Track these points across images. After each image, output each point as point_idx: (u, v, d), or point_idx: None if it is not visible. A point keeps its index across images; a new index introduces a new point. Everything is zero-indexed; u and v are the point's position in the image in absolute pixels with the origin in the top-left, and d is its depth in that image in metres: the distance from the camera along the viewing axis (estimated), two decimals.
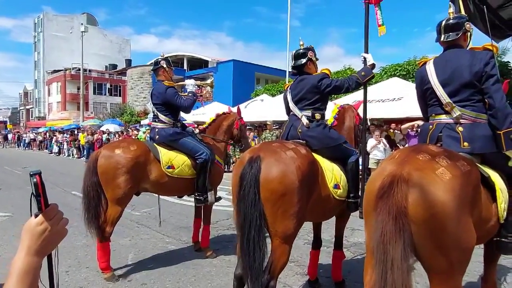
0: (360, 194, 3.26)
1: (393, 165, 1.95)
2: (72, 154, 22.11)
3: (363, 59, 3.47)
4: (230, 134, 4.76)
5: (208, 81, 4.93)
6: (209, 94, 30.54)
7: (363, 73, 3.30)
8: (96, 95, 47.74)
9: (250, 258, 2.39)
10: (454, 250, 1.81)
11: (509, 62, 13.03)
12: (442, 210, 1.76)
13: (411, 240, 1.78)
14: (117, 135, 20.27)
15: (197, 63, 37.29)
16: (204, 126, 4.80)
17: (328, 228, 4.17)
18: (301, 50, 3.33)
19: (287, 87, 3.44)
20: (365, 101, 3.77)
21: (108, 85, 48.83)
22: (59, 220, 0.96)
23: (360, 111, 3.88)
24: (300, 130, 3.14)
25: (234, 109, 5.11)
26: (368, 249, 2.01)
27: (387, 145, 9.82)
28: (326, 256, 4.06)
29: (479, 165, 2.27)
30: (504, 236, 2.43)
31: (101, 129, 23.26)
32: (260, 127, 14.04)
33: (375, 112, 10.84)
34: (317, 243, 3.63)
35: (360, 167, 3.63)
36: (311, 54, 3.31)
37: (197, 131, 4.79)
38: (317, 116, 3.17)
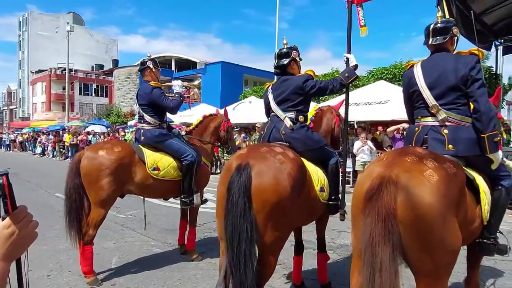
0: (340, 196, 3.25)
1: (381, 167, 1.96)
2: (56, 155, 21.69)
3: (345, 60, 3.43)
4: (217, 136, 4.73)
5: (195, 83, 4.96)
6: (197, 96, 30.40)
7: (346, 74, 3.24)
8: (82, 95, 47.06)
9: (241, 274, 2.22)
10: (441, 251, 1.82)
11: (492, 67, 13.32)
12: (430, 212, 1.77)
13: (400, 242, 1.79)
14: (102, 136, 19.97)
15: (185, 64, 37.08)
16: (191, 127, 4.75)
17: (314, 230, 4.16)
18: (284, 50, 3.26)
19: (268, 87, 3.36)
20: (347, 103, 3.71)
21: (94, 86, 48.20)
22: (28, 223, 0.92)
23: (342, 111, 3.84)
24: (283, 132, 3.06)
25: (222, 111, 5.08)
26: (355, 251, 2.01)
27: (374, 148, 9.93)
28: (312, 259, 4.05)
29: (464, 167, 2.29)
30: (486, 237, 2.48)
31: (87, 130, 22.90)
32: (248, 129, 14.03)
33: (362, 114, 10.96)
34: (299, 248, 3.57)
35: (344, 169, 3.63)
36: (294, 54, 3.25)
37: (183, 132, 4.74)
38: (301, 118, 3.10)
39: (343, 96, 4.08)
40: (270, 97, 3.23)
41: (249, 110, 14.78)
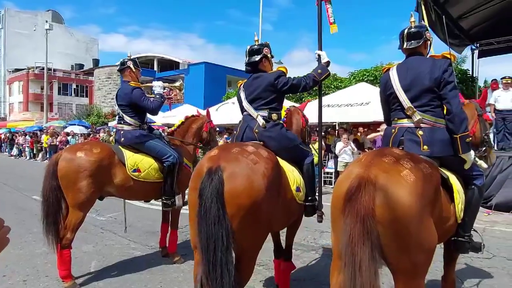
0: (317, 197, 3.19)
1: (360, 168, 2.00)
2: (34, 156, 21.10)
3: (317, 57, 3.33)
4: (199, 137, 4.70)
5: (177, 84, 4.84)
6: (180, 97, 30.11)
7: (319, 71, 3.17)
8: (61, 95, 45.94)
9: (217, 284, 2.13)
10: (418, 250, 1.87)
11: (468, 70, 13.74)
12: (408, 211, 1.82)
13: (379, 242, 1.82)
14: (82, 138, 19.54)
15: (168, 65, 36.72)
16: (173, 128, 4.71)
17: (298, 231, 4.18)
18: (255, 46, 3.16)
19: (241, 85, 3.25)
20: (320, 101, 3.57)
21: (74, 86, 47.15)
22: None
23: (309, 112, 3.79)
24: (256, 130, 2.96)
25: (204, 112, 5.05)
26: (335, 251, 2.03)
27: (355, 149, 10.07)
28: (295, 260, 4.07)
29: (438, 167, 2.36)
30: (461, 235, 2.56)
31: (66, 130, 22.37)
32: (231, 130, 13.99)
33: (343, 116, 11.12)
34: (278, 251, 3.47)
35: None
36: (266, 50, 3.15)
37: (164, 133, 4.68)
38: (274, 116, 3.01)
39: (327, 98, 4.07)
40: (242, 95, 3.14)
41: (232, 111, 14.71)
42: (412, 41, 2.64)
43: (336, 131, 11.43)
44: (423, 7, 8.04)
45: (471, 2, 9.44)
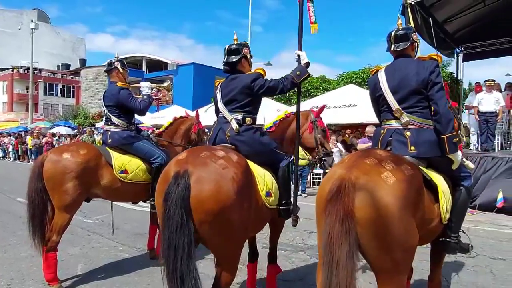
0: (293, 200, 3.13)
1: (342, 169, 2.03)
2: (19, 158, 20.69)
3: (297, 57, 3.20)
4: (188, 139, 4.69)
5: (165, 85, 4.82)
6: (169, 98, 29.94)
7: (298, 72, 3.04)
8: (47, 95, 45.14)
9: None
10: (398, 250, 1.91)
11: (453, 73, 14.00)
12: (386, 212, 1.85)
13: (357, 242, 1.86)
14: (68, 139, 19.24)
15: (156, 65, 36.47)
16: (161, 129, 4.69)
17: (286, 231, 4.21)
18: (234, 46, 3.06)
19: (218, 85, 3.15)
20: (298, 102, 3.44)
21: (60, 86, 46.38)
22: None
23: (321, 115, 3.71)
24: (228, 134, 2.89)
25: (192, 113, 5.04)
26: (319, 251, 2.06)
27: (344, 150, 10.16)
28: (283, 260, 4.10)
29: (424, 168, 2.40)
30: (448, 236, 2.59)
31: (52, 131, 21.99)
32: None
33: (331, 117, 11.20)
34: (253, 256, 3.39)
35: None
36: (246, 51, 3.05)
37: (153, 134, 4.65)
38: (248, 120, 2.92)
39: (315, 100, 4.07)
40: (218, 96, 3.05)
41: None
42: (400, 43, 2.67)
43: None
44: (409, 10, 8.18)
45: (456, 7, 9.64)
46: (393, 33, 2.72)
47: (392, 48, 2.71)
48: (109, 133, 4.00)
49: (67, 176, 3.48)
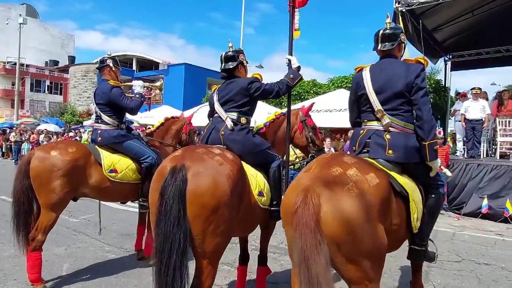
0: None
1: (306, 179, 1.98)
2: (3, 155, 20.25)
3: (287, 62, 3.36)
4: (179, 139, 4.67)
5: (157, 84, 4.80)
6: (159, 97, 29.74)
7: (291, 76, 3.19)
8: (33, 92, 44.26)
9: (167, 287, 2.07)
10: (365, 260, 1.88)
11: (441, 80, 14.25)
12: (351, 224, 1.82)
13: (328, 254, 1.80)
14: (55, 136, 18.90)
15: (147, 65, 36.22)
16: (152, 129, 4.65)
17: (276, 234, 4.21)
18: (230, 53, 3.17)
19: (215, 90, 3.25)
20: (289, 106, 3.52)
21: (48, 82, 45.53)
22: None
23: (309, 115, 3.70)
24: (223, 132, 2.94)
25: (187, 114, 5.02)
26: (291, 259, 1.98)
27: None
28: (273, 263, 4.09)
29: (397, 174, 2.33)
30: (417, 244, 2.56)
31: (39, 128, 21.58)
32: None
33: (322, 121, 11.27)
34: (244, 258, 3.38)
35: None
36: (242, 57, 3.17)
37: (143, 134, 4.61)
38: (243, 120, 3.01)
39: (305, 103, 4.09)
40: (215, 98, 3.13)
41: None
42: (387, 43, 2.60)
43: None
44: (400, 18, 8.31)
45: (445, 16, 9.82)
46: (381, 31, 2.65)
47: (378, 48, 2.65)
48: (99, 131, 3.95)
49: (54, 174, 3.41)
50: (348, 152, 2.65)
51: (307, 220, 1.79)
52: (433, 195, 2.57)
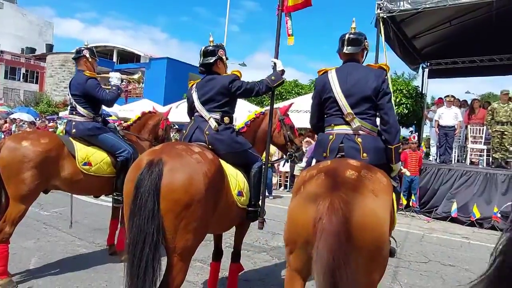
0: (261, 203, 3.19)
1: (324, 193, 1.91)
2: None
3: (273, 65, 3.40)
4: (155, 134, 4.63)
5: (135, 76, 4.72)
6: (139, 91, 29.23)
7: (273, 77, 3.24)
8: (8, 79, 42.62)
9: (139, 281, 2.05)
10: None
11: (418, 87, 14.65)
12: (380, 225, 1.86)
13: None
14: (26, 125, 18.24)
15: (128, 57, 35.44)
16: (129, 123, 4.58)
17: (251, 232, 4.24)
18: (210, 47, 3.14)
19: (192, 85, 3.20)
20: (271, 106, 3.51)
21: (23, 70, 43.94)
22: None
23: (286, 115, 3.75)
24: (207, 132, 2.94)
25: (164, 109, 4.97)
26: (293, 266, 1.98)
27: None
28: (246, 260, 4.12)
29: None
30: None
31: (12, 117, 20.80)
32: None
33: (303, 121, 11.37)
34: (218, 255, 3.38)
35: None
36: (221, 52, 3.14)
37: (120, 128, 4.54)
38: (226, 119, 3.02)
39: (290, 100, 4.13)
40: (195, 96, 3.09)
41: None
42: (351, 47, 2.66)
43: (298, 135, 11.67)
44: (381, 24, 8.49)
45: (424, 24, 10.09)
46: (346, 35, 2.72)
47: (343, 50, 2.70)
48: (74, 123, 3.86)
49: (25, 165, 3.32)
50: (314, 159, 2.67)
51: (337, 227, 1.72)
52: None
